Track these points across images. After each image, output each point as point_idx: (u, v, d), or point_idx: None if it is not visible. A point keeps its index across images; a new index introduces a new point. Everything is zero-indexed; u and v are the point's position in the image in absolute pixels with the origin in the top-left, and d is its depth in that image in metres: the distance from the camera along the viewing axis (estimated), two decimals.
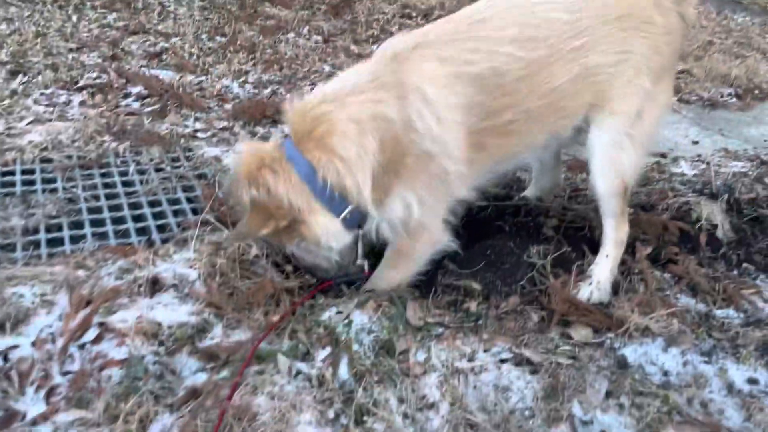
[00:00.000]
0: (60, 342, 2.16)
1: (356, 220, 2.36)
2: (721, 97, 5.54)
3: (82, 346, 2.15)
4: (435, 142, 2.25)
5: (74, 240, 2.86)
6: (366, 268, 2.55)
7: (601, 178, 2.55)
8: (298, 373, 2.11)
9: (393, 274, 2.56)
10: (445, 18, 2.45)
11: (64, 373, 2.06)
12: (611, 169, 2.52)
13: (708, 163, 4.01)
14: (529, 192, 3.31)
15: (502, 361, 2.23)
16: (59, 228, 2.94)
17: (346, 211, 2.28)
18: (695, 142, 4.56)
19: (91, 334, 2.17)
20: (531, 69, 2.32)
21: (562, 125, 2.52)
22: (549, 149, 2.78)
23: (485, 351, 2.27)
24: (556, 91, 2.39)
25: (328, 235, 2.31)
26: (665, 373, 2.26)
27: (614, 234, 2.65)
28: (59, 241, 2.85)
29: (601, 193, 2.59)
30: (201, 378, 2.08)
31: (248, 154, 2.29)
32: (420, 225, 2.42)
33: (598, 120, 2.50)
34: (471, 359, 2.23)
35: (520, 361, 2.23)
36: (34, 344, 2.15)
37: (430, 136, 2.24)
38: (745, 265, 2.95)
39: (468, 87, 2.27)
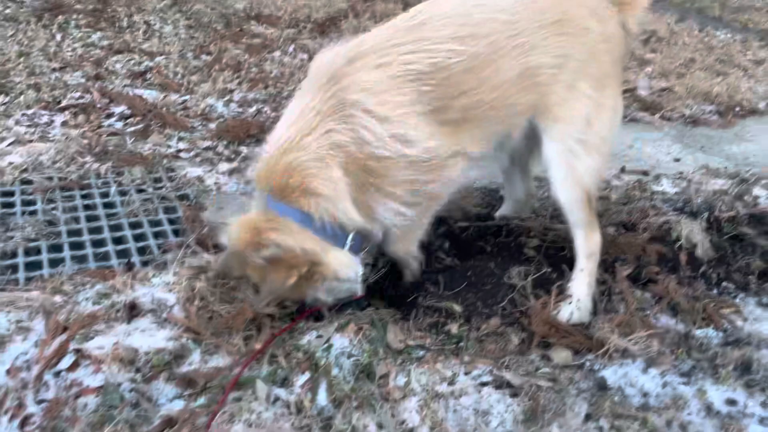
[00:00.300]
0: (35, 370, 2.14)
1: (359, 244, 2.46)
2: (703, 114, 5.59)
3: (57, 374, 2.13)
4: (391, 144, 2.28)
5: (53, 263, 2.84)
6: (359, 291, 2.55)
7: (560, 187, 2.58)
8: (277, 399, 2.09)
9: (407, 240, 2.63)
10: (381, 26, 2.47)
11: (39, 402, 2.03)
12: (568, 178, 2.55)
13: (689, 181, 4.04)
14: (505, 209, 3.32)
15: (483, 384, 2.23)
16: (38, 251, 2.92)
17: (348, 240, 2.39)
18: (677, 160, 4.59)
19: (67, 361, 2.15)
20: (476, 62, 2.36)
21: (514, 123, 2.55)
22: (508, 156, 2.89)
23: (466, 374, 2.27)
24: (505, 86, 2.42)
25: (344, 267, 2.41)
26: (645, 395, 2.26)
27: (585, 245, 2.67)
28: (37, 265, 2.83)
29: (563, 204, 2.61)
30: (178, 405, 2.06)
31: (238, 227, 2.39)
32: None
33: (547, 128, 2.54)
34: (451, 383, 2.22)
35: (500, 384, 2.23)
36: (8, 372, 2.13)
37: (383, 143, 2.27)
38: (724, 283, 2.97)
39: (411, 83, 2.30)
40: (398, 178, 2.34)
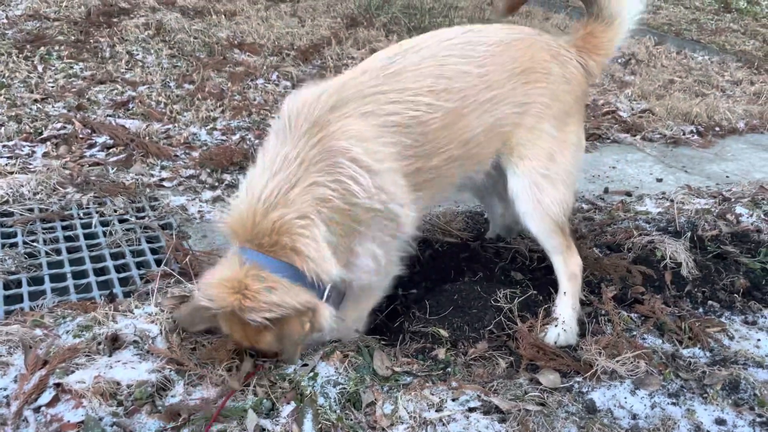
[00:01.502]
0: (14, 405, 2.09)
1: (337, 297, 2.44)
2: (683, 134, 5.66)
3: (37, 410, 2.08)
4: (377, 195, 2.26)
5: (33, 296, 2.79)
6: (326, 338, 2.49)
7: (531, 220, 2.64)
8: (263, 430, 2.06)
9: (361, 309, 2.59)
10: (356, 69, 2.44)
11: None
12: (537, 211, 2.61)
13: (672, 201, 4.08)
14: (490, 234, 3.33)
15: (471, 409, 2.20)
16: (18, 284, 2.87)
17: (326, 292, 2.28)
18: (659, 180, 4.64)
19: (47, 396, 2.10)
20: (449, 119, 2.39)
21: (476, 170, 2.62)
22: (482, 190, 2.99)
23: (453, 400, 2.24)
24: (473, 141, 2.48)
25: (329, 318, 2.28)
26: (634, 417, 2.25)
27: (565, 269, 2.70)
28: (18, 298, 2.78)
29: (536, 235, 2.67)
30: None
31: (221, 287, 2.16)
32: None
33: (511, 166, 2.61)
34: (439, 409, 2.19)
35: (488, 410, 2.20)
36: None
37: (369, 194, 2.24)
38: (710, 302, 2.98)
39: (395, 135, 2.30)
40: (381, 224, 2.34)
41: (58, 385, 2.14)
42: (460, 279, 2.92)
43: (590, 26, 2.74)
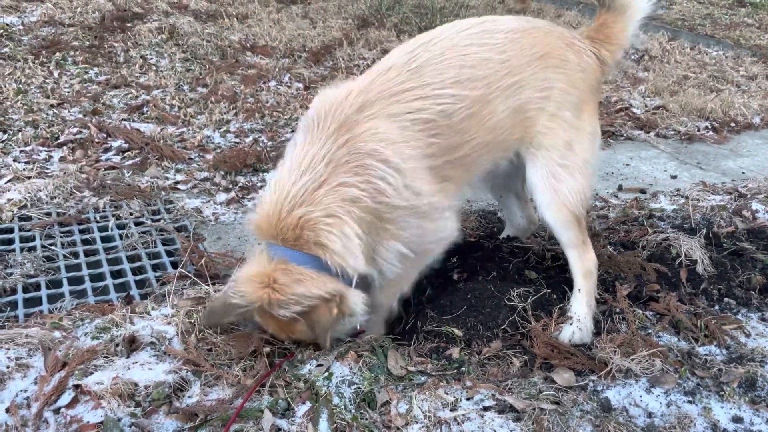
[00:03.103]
0: (35, 407, 2.12)
1: (363, 285, 2.45)
2: (698, 130, 5.62)
3: (57, 411, 2.11)
4: (405, 193, 2.29)
5: (52, 299, 2.83)
6: (360, 326, 2.55)
7: (547, 211, 2.63)
8: (279, 429, 2.07)
9: (392, 293, 2.62)
10: (381, 65, 2.46)
11: None
12: (553, 201, 2.60)
13: (687, 198, 4.05)
14: (504, 234, 3.33)
15: (485, 408, 2.20)
16: (37, 287, 2.92)
17: (355, 279, 2.34)
18: (674, 177, 4.61)
19: (66, 397, 2.13)
20: (475, 107, 2.41)
21: (501, 157, 2.64)
22: (500, 187, 3.01)
23: (468, 399, 2.24)
24: (500, 126, 2.49)
25: (360, 303, 2.37)
26: (649, 415, 2.24)
27: (580, 264, 2.69)
28: (37, 301, 2.83)
29: (552, 226, 2.67)
30: None
31: (250, 282, 2.26)
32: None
33: (530, 156, 2.62)
34: (454, 408, 2.20)
35: (503, 409, 2.20)
36: (8, 410, 2.11)
37: (398, 192, 2.28)
38: (726, 299, 2.96)
39: (421, 132, 2.33)
40: (408, 223, 2.36)
41: (77, 386, 2.17)
42: (474, 278, 2.92)
43: (602, 17, 2.76)
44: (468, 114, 2.40)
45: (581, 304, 2.65)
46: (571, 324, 2.61)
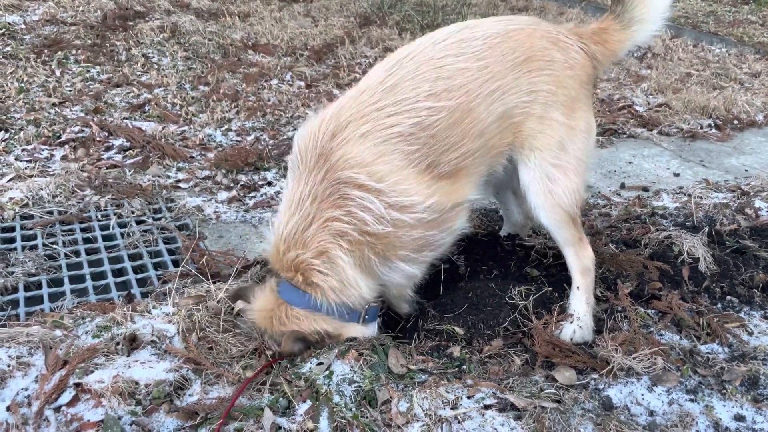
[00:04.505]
0: (35, 405, 2.12)
1: (375, 311, 2.55)
2: (701, 128, 5.60)
3: (57, 409, 2.11)
4: (389, 216, 2.31)
5: (53, 298, 2.84)
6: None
7: (542, 211, 2.62)
8: (279, 428, 2.07)
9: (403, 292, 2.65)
10: (356, 88, 2.48)
11: None
12: (548, 201, 2.59)
13: (689, 195, 4.04)
14: (503, 232, 3.32)
15: (486, 407, 2.20)
16: (38, 286, 2.92)
17: (362, 315, 2.49)
18: (676, 174, 4.60)
19: (67, 396, 2.13)
20: (456, 116, 2.40)
21: (497, 162, 2.62)
22: (494, 187, 3.00)
23: (469, 397, 2.24)
24: (487, 131, 2.48)
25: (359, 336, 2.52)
26: (651, 413, 2.23)
27: (577, 262, 2.68)
28: (38, 300, 2.83)
29: (547, 226, 2.65)
30: None
31: (261, 313, 2.46)
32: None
33: (523, 158, 2.60)
34: (454, 407, 2.19)
35: (504, 407, 2.20)
36: (9, 408, 2.11)
37: (380, 219, 2.31)
38: (728, 298, 2.95)
39: (399, 144, 2.34)
40: (403, 242, 2.39)
41: (77, 384, 2.17)
42: (475, 276, 2.91)
43: (606, 23, 2.74)
44: (450, 123, 2.39)
45: (580, 302, 2.64)
46: (571, 322, 2.60)
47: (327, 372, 2.27)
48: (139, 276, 3.03)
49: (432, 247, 2.50)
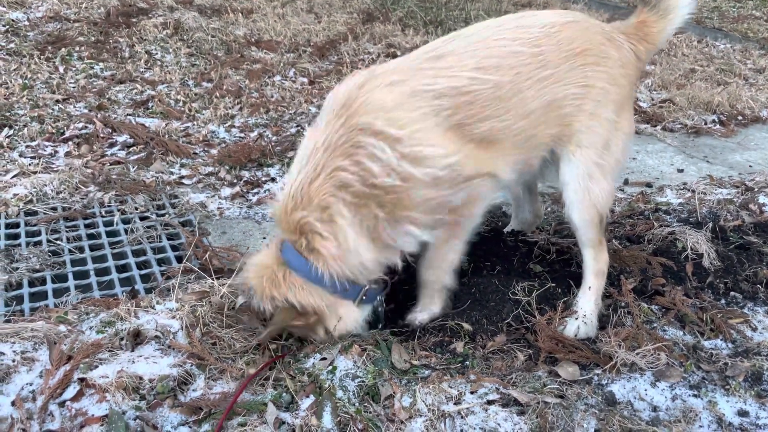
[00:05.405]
0: (40, 400, 2.13)
1: (374, 294, 2.49)
2: (705, 124, 5.59)
3: (62, 404, 2.12)
4: (400, 168, 2.21)
5: (58, 293, 2.84)
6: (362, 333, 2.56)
7: (576, 209, 2.58)
8: (282, 423, 2.07)
9: (450, 256, 2.59)
10: (401, 57, 2.46)
11: None
12: (585, 200, 2.56)
13: (693, 191, 4.03)
14: (510, 227, 3.32)
15: (489, 402, 2.20)
16: (43, 282, 2.93)
17: (361, 293, 2.42)
18: (680, 170, 4.59)
19: (71, 391, 2.14)
20: (503, 91, 2.35)
21: (536, 155, 2.56)
22: (521, 181, 2.89)
23: (472, 393, 2.24)
24: (532, 116, 2.43)
25: (348, 323, 2.44)
26: (654, 409, 2.23)
27: (594, 264, 2.67)
28: (42, 295, 2.84)
29: (577, 225, 2.62)
30: None
31: (256, 270, 2.39)
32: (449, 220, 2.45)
33: (567, 153, 2.55)
34: (458, 402, 2.20)
35: (507, 402, 2.20)
36: (14, 403, 2.12)
37: (389, 170, 2.20)
38: (732, 293, 2.94)
39: (428, 99, 2.25)
40: (413, 201, 2.27)
41: (82, 379, 2.18)
42: (478, 272, 2.91)
43: (644, 15, 2.71)
44: (494, 96, 2.33)
45: (589, 302, 2.64)
46: (576, 318, 2.60)
47: (330, 367, 2.28)
48: (142, 272, 3.04)
49: (452, 210, 2.39)
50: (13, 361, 2.28)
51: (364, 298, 2.44)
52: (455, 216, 2.43)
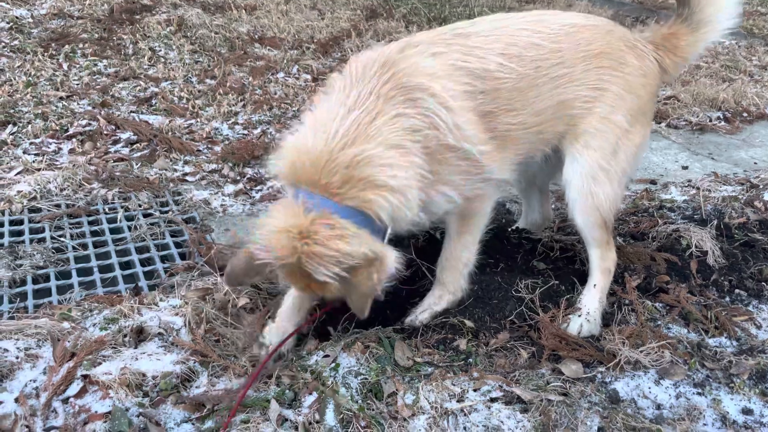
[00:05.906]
0: (44, 397, 2.14)
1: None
2: (710, 121, 5.57)
3: (65, 401, 2.12)
4: (456, 132, 2.20)
5: (61, 290, 2.85)
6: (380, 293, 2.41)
7: (579, 211, 2.57)
8: (285, 420, 2.08)
9: (464, 254, 2.58)
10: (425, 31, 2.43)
11: (48, 429, 2.03)
12: (587, 202, 2.54)
13: (698, 188, 4.01)
14: (520, 225, 3.32)
15: (492, 399, 2.20)
16: (46, 278, 2.93)
17: (388, 234, 2.18)
18: (685, 167, 4.57)
19: (75, 387, 2.15)
20: (523, 83, 2.34)
21: (540, 149, 2.56)
22: (527, 179, 2.93)
23: (475, 390, 2.24)
24: (544, 114, 2.42)
25: (394, 264, 2.12)
26: (658, 407, 2.23)
27: (601, 263, 2.66)
28: (46, 292, 2.84)
29: (580, 226, 2.61)
30: (186, 429, 2.04)
31: (280, 233, 2.01)
32: (468, 201, 2.41)
33: (572, 152, 2.54)
34: (460, 399, 2.19)
35: (510, 400, 2.20)
36: (17, 400, 2.12)
37: (450, 131, 2.19)
38: (737, 291, 2.93)
39: (467, 77, 2.24)
40: (458, 167, 2.26)
41: (85, 376, 2.18)
42: (481, 269, 2.90)
43: (675, 27, 2.66)
44: (516, 87, 2.32)
45: (593, 299, 2.63)
46: (579, 316, 2.59)
47: (333, 364, 2.28)
48: (146, 269, 3.04)
49: (473, 190, 2.37)
50: (17, 357, 2.29)
51: (391, 238, 2.22)
52: (473, 200, 2.41)
